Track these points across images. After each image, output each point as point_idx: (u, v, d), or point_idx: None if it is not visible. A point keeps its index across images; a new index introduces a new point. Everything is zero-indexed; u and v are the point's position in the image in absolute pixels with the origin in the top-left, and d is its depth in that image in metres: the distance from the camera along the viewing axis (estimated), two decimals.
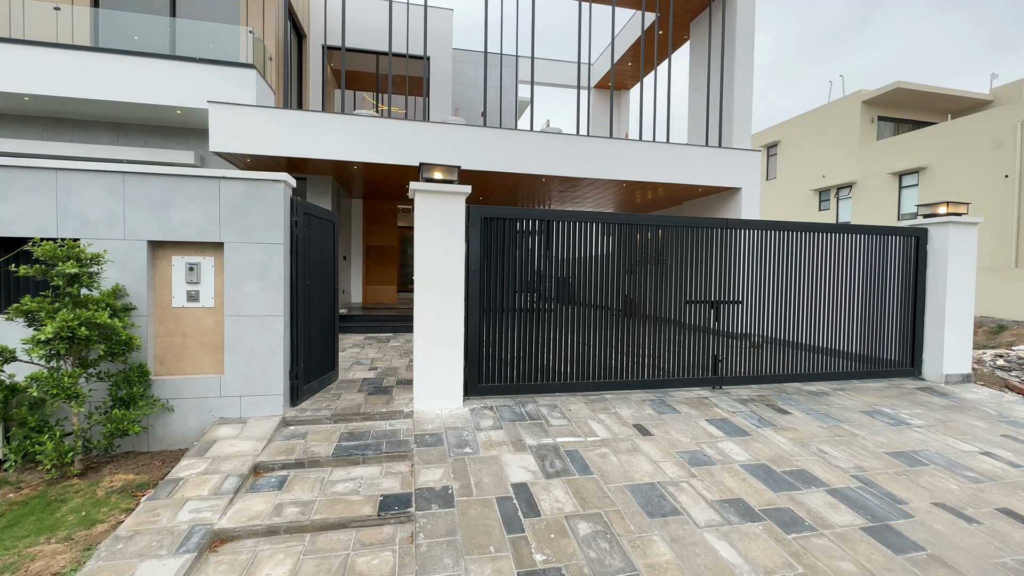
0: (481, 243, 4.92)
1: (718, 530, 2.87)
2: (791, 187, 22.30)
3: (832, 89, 42.09)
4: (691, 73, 11.64)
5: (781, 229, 5.81)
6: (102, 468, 3.75)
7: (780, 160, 23.22)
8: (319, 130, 7.68)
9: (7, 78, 7.21)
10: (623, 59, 14.00)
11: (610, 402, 5.03)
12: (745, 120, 10.11)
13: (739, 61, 9.99)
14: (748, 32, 10.02)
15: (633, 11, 12.28)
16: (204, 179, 4.18)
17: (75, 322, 3.39)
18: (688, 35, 11.84)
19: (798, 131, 21.97)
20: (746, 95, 10.07)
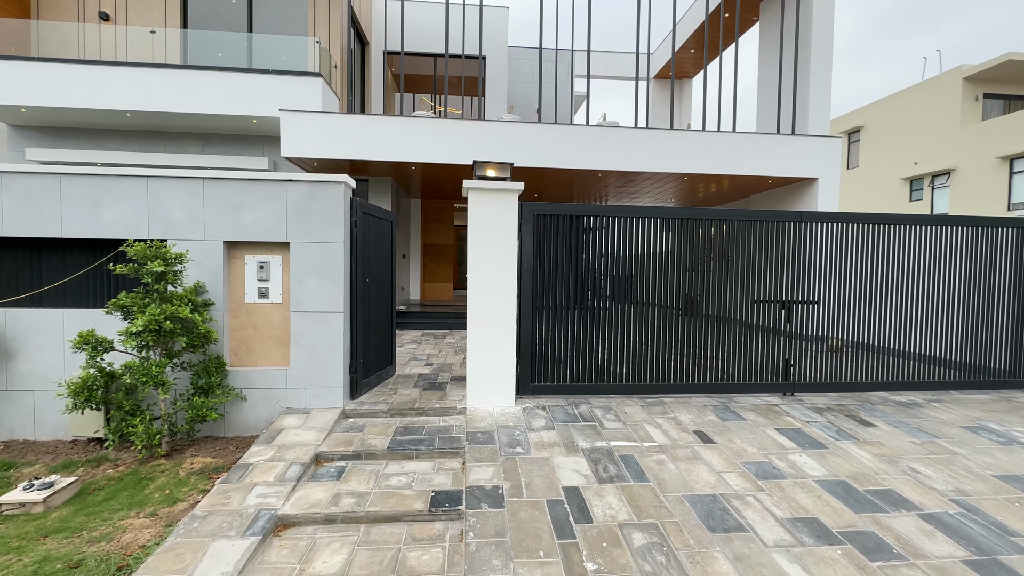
0: (534, 240, 4.86)
1: (789, 551, 2.63)
2: (877, 176, 20.33)
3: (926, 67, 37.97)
4: (761, 57, 10.88)
5: (866, 222, 5.26)
6: (185, 450, 4.09)
7: (863, 147, 21.24)
8: (378, 133, 7.95)
9: (113, 97, 8.07)
10: (685, 46, 13.36)
11: (668, 406, 4.79)
12: (823, 105, 9.30)
13: (817, 41, 9.19)
14: (827, 9, 9.20)
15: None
16: (273, 182, 4.43)
17: (161, 316, 3.71)
18: (757, 16, 11.08)
19: (884, 114, 19.97)
20: (824, 77, 9.25)
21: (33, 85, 7.93)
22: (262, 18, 9.45)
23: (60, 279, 4.44)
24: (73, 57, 8.46)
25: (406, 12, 11.59)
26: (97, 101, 8.04)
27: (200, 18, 9.36)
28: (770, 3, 10.44)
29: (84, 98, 8.02)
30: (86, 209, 4.31)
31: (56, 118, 8.62)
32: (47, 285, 4.44)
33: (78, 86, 7.99)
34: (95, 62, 8.09)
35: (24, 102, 7.96)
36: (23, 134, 9.05)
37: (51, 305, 4.42)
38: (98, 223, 4.33)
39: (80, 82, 7.99)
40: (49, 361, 4.32)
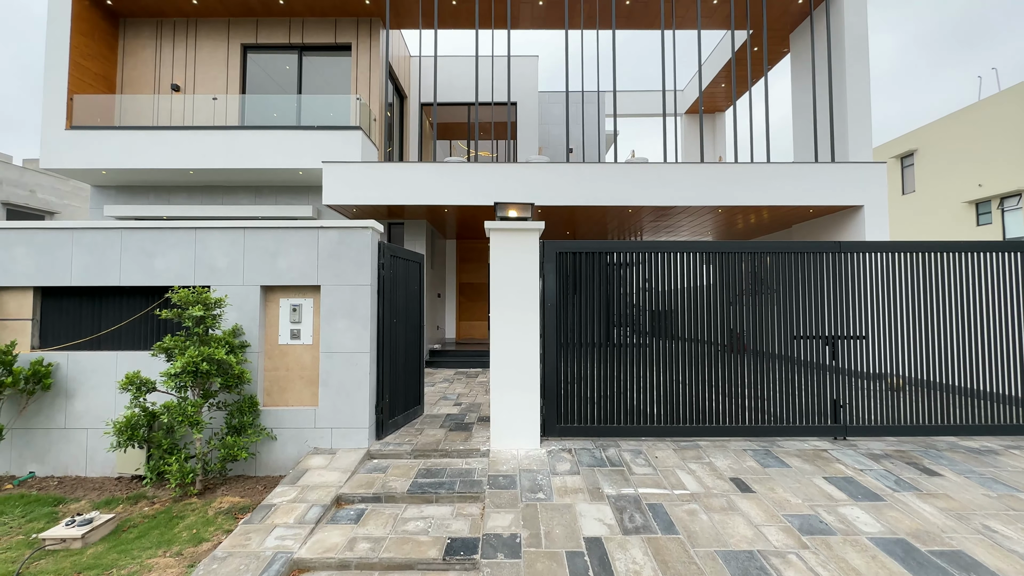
0: (557, 278, 4.84)
1: None
2: (937, 200, 19.12)
3: (982, 85, 36.09)
4: (794, 87, 10.72)
5: (915, 250, 4.91)
6: (216, 489, 4.20)
7: (919, 170, 20.14)
8: (413, 179, 8.33)
9: (179, 158, 8.94)
10: (715, 81, 13.39)
11: (704, 450, 4.50)
12: (863, 131, 8.96)
13: (851, 68, 8.98)
14: (860, 36, 9.02)
15: (724, 31, 11.78)
16: (306, 230, 4.69)
17: (199, 358, 3.92)
18: (788, 48, 11.01)
19: (942, 136, 18.96)
20: (862, 104, 8.96)
21: (114, 151, 8.93)
22: (311, 79, 10.32)
23: (116, 324, 4.82)
24: (148, 124, 9.50)
25: (441, 66, 12.33)
26: (166, 162, 8.92)
27: (257, 82, 10.34)
28: (800, 33, 10.36)
29: (156, 160, 8.92)
30: (142, 259, 4.72)
31: (131, 178, 9.61)
32: (105, 329, 4.83)
33: (151, 150, 8.92)
34: (166, 128, 9.04)
35: (107, 166, 8.95)
36: (103, 193, 10.13)
37: (107, 348, 4.78)
38: (151, 271, 4.72)
39: (153, 146, 8.93)
40: (102, 401, 4.64)
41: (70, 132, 8.95)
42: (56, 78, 8.98)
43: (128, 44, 10.12)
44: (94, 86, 9.54)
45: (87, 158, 8.93)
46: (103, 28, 9.76)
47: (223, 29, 10.12)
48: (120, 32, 10.13)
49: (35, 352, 4.74)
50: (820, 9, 9.53)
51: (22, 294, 4.83)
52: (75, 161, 8.93)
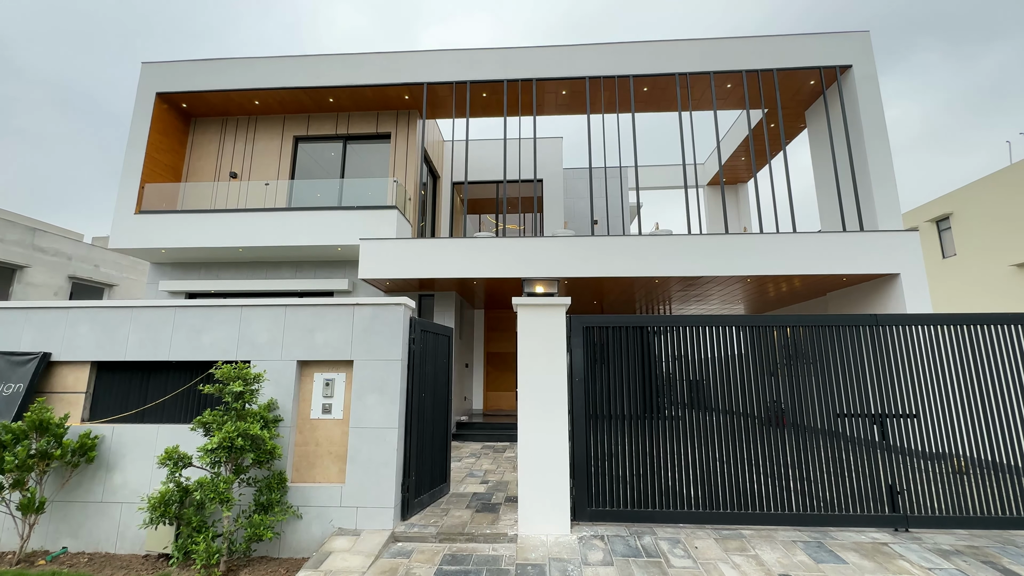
0: (585, 351, 4.85)
1: None
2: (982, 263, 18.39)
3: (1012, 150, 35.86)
4: (814, 160, 10.95)
5: (962, 323, 4.72)
6: (239, 571, 4.12)
7: (957, 234, 19.61)
8: (443, 253, 8.71)
9: (233, 237, 9.70)
10: (734, 155, 13.83)
11: (748, 540, 4.18)
12: (889, 200, 8.96)
13: (870, 141, 9.17)
14: (875, 109, 9.30)
15: (740, 111, 12.35)
16: (342, 307, 4.94)
17: (234, 433, 4.03)
18: (804, 124, 11.39)
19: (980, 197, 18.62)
20: (886, 173, 9.04)
21: (175, 232, 9.78)
22: (353, 163, 11.25)
23: (161, 396, 5.04)
24: (207, 208, 10.44)
25: (472, 148, 13.26)
26: (221, 241, 9.68)
27: (305, 168, 11.33)
28: (815, 110, 10.75)
29: (211, 239, 9.69)
30: (191, 335, 5.02)
31: (187, 256, 10.41)
32: (151, 403, 5.05)
33: (208, 231, 9.73)
34: (222, 211, 9.91)
35: (168, 245, 9.78)
36: (160, 269, 10.96)
37: (150, 421, 4.97)
38: (198, 346, 4.99)
39: (209, 227, 9.74)
40: (140, 475, 4.75)
41: (138, 216, 9.90)
42: (132, 169, 10.11)
43: (196, 139, 11.39)
44: (163, 176, 10.67)
45: (151, 239, 9.78)
46: (176, 126, 11.08)
47: (279, 124, 11.31)
48: (190, 129, 11.45)
49: (84, 424, 4.97)
50: (833, 88, 9.95)
51: (80, 368, 5.15)
52: (140, 242, 9.80)
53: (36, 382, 4.98)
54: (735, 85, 10.12)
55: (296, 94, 10.52)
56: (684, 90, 10.11)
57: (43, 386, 5.11)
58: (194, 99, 10.76)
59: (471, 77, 10.17)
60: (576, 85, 10.25)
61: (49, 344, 5.14)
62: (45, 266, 18.50)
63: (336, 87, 10.31)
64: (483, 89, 10.41)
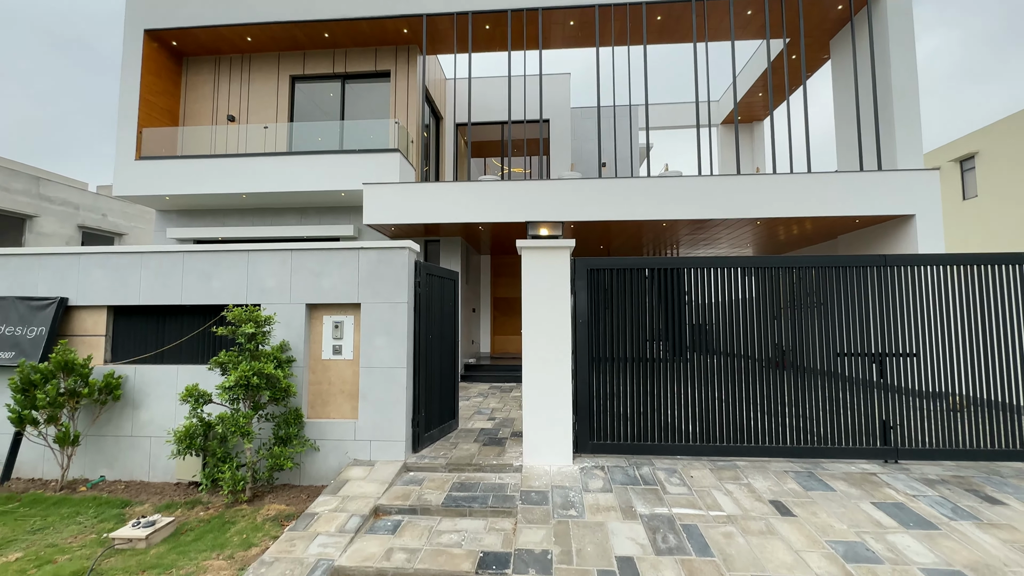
0: (589, 295, 4.88)
1: None
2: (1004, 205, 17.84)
3: None
4: (836, 94, 10.40)
5: (974, 263, 4.65)
6: (264, 496, 4.44)
7: (980, 174, 18.89)
8: (448, 198, 8.60)
9: (234, 183, 9.60)
10: (751, 91, 13.14)
11: (742, 470, 4.39)
12: (912, 137, 8.57)
13: (897, 73, 8.64)
14: (906, 38, 8.68)
15: (760, 41, 11.59)
16: (347, 250, 4.96)
17: (250, 372, 4.20)
18: (828, 55, 10.71)
19: (1007, 136, 17.75)
20: (911, 109, 8.59)
21: (177, 178, 9.69)
22: (352, 105, 10.88)
23: (177, 340, 5.22)
24: (207, 153, 10.27)
25: (475, 87, 12.71)
26: (223, 187, 9.59)
27: (304, 110, 10.99)
28: (840, 39, 10.07)
29: (213, 186, 9.61)
30: (200, 280, 5.11)
31: (191, 203, 10.38)
32: (168, 345, 5.23)
33: (209, 177, 9.62)
34: (222, 156, 9.75)
35: (170, 192, 9.72)
36: (166, 216, 10.97)
37: (169, 362, 5.18)
38: (209, 291, 5.09)
39: (210, 173, 9.63)
40: (164, 411, 5.01)
41: (139, 162, 9.78)
42: (128, 114, 9.87)
43: (190, 80, 11.00)
44: (160, 120, 10.42)
45: (153, 186, 9.72)
46: (169, 67, 10.68)
47: (274, 62, 10.84)
48: (183, 69, 11.04)
49: (107, 365, 5.19)
50: (861, 14, 9.26)
51: (97, 312, 5.31)
52: (143, 189, 9.74)
53: (57, 326, 5.16)
54: (756, 12, 9.44)
55: (289, 29, 10.00)
56: (700, 18, 9.47)
57: (64, 330, 5.30)
58: (184, 36, 10.28)
59: (473, 7, 9.56)
60: (585, 14, 9.62)
61: (64, 289, 5.27)
62: (54, 216, 18.55)
63: (331, 20, 9.77)
64: (486, 20, 9.82)
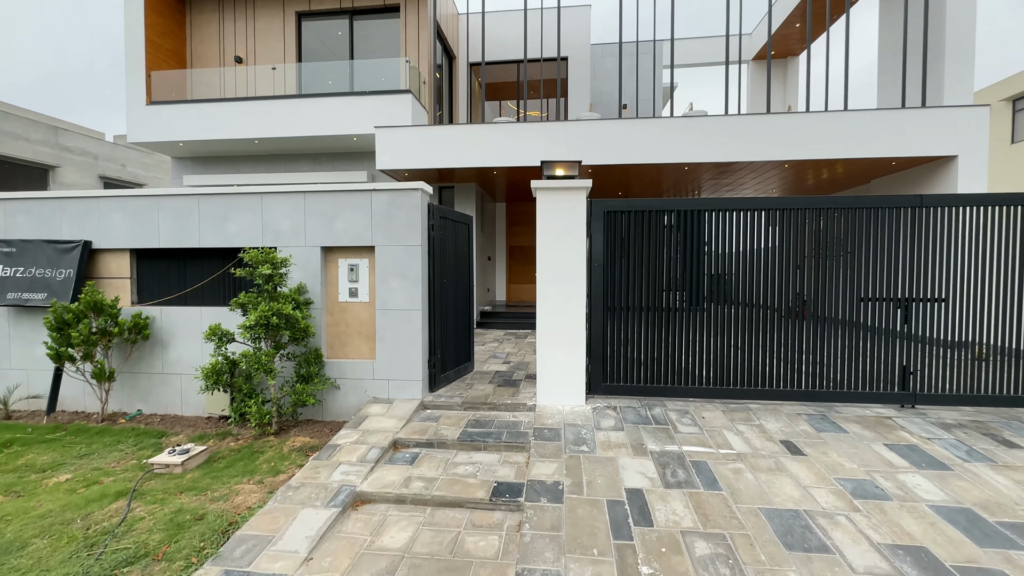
0: (605, 239, 4.77)
1: None
2: None
3: None
4: (881, 22, 9.53)
5: (1012, 203, 4.38)
6: (289, 430, 4.67)
7: None
8: (462, 141, 8.35)
9: (245, 128, 9.46)
10: (788, 21, 12.14)
11: (754, 412, 4.41)
12: (964, 70, 7.88)
13: None
14: None
15: None
16: (359, 192, 4.90)
17: (269, 312, 4.29)
18: None
19: None
20: (964, 38, 7.84)
21: (188, 124, 9.59)
22: (362, 43, 10.43)
23: (199, 282, 5.33)
24: (216, 97, 10.07)
25: (490, 22, 12.01)
26: (233, 132, 9.47)
27: (312, 50, 10.59)
28: None
29: (224, 131, 9.49)
30: (216, 223, 5.14)
31: (204, 149, 10.32)
32: (190, 287, 5.36)
33: (220, 121, 9.49)
34: (231, 99, 9.55)
35: (182, 138, 9.65)
36: (181, 164, 10.97)
37: (192, 304, 5.32)
38: (225, 234, 5.13)
39: (221, 117, 9.49)
40: (191, 350, 5.21)
41: (150, 107, 9.67)
42: (135, 56, 9.65)
43: (195, 20, 10.62)
44: (168, 62, 10.17)
45: (165, 132, 9.65)
46: (172, 5, 10.29)
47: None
48: (187, 8, 10.63)
49: (134, 307, 5.36)
50: None
51: (121, 255, 5.43)
52: (155, 135, 9.69)
53: (84, 268, 5.30)
54: None
55: None
56: None
57: (90, 272, 5.45)
58: None
59: None
60: None
61: (87, 233, 5.37)
62: (75, 166, 18.72)
63: None
64: None
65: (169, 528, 3.02)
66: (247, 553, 2.68)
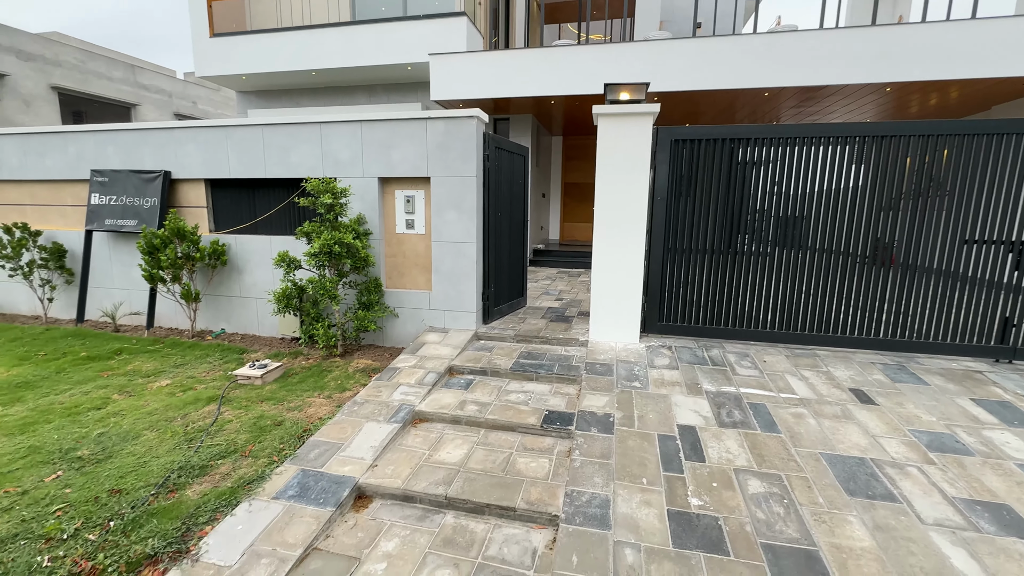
0: (670, 171, 4.45)
1: (955, 534, 2.18)
2: None
3: None
4: None
5: None
6: (353, 353, 4.98)
7: None
8: (517, 67, 7.90)
9: (302, 59, 9.44)
10: None
11: (822, 359, 4.17)
12: None
13: None
14: None
15: None
16: (415, 121, 4.80)
17: (331, 241, 4.45)
18: None
19: None
20: None
21: (248, 56, 9.69)
22: None
23: (267, 212, 5.59)
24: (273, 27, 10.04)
25: None
26: (291, 64, 9.49)
27: None
28: None
29: (282, 62, 9.53)
30: (280, 154, 5.27)
31: (266, 83, 10.47)
32: (259, 217, 5.64)
33: (277, 52, 9.51)
34: (287, 28, 9.49)
35: (244, 71, 9.81)
36: (246, 99, 11.24)
37: (263, 232, 5.62)
38: (288, 165, 5.27)
39: (276, 47, 9.49)
40: (263, 276, 5.57)
41: (214, 40, 9.81)
42: None
43: None
44: None
45: (228, 64, 9.82)
46: None
47: None
48: None
49: (212, 234, 5.75)
50: None
51: (197, 185, 5.76)
52: (219, 68, 9.90)
53: (166, 197, 5.69)
54: None
55: None
56: None
57: (172, 201, 5.84)
58: None
59: None
60: None
61: (166, 163, 5.70)
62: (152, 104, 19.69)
63: None
64: None
65: (253, 431, 3.38)
66: (320, 456, 2.96)
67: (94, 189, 5.86)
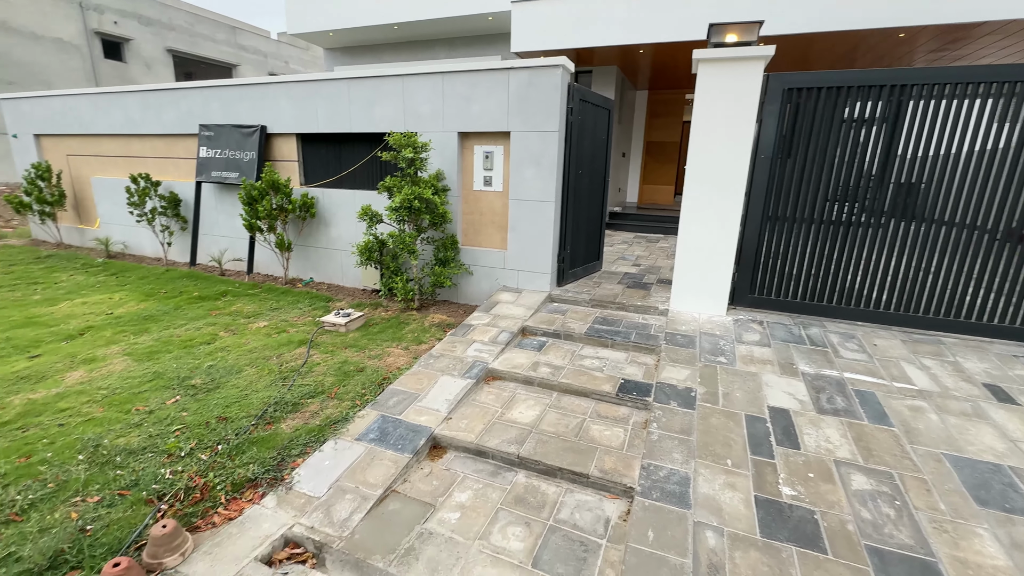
0: (778, 126, 3.92)
1: None
2: None
3: None
4: None
5: None
6: (429, 308, 5.11)
7: None
8: (606, 13, 7.31)
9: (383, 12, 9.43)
10: None
11: (948, 347, 3.63)
12: None
13: None
14: None
15: None
16: (497, 71, 4.61)
17: (411, 196, 4.48)
18: None
19: None
20: None
21: (336, 10, 9.85)
22: None
23: (352, 166, 5.75)
24: None
25: None
26: (373, 17, 9.52)
27: None
28: None
29: (364, 17, 9.59)
30: (365, 108, 5.33)
31: (351, 39, 10.63)
32: (345, 171, 5.82)
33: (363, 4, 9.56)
34: None
35: (330, 27, 10.01)
36: (332, 55, 11.54)
37: (347, 187, 5.81)
38: (372, 120, 5.33)
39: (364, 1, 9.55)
40: (348, 229, 5.80)
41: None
42: None
43: None
44: None
45: (316, 21, 10.06)
46: None
47: None
48: None
49: (302, 188, 6.05)
50: None
51: (289, 140, 6.03)
52: (308, 25, 10.17)
53: (263, 151, 6.03)
54: None
55: None
56: None
57: (267, 155, 6.19)
58: None
59: None
60: None
61: (263, 119, 6.00)
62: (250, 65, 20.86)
63: None
64: None
65: (338, 375, 3.58)
66: (398, 404, 3.07)
67: (202, 143, 6.35)
